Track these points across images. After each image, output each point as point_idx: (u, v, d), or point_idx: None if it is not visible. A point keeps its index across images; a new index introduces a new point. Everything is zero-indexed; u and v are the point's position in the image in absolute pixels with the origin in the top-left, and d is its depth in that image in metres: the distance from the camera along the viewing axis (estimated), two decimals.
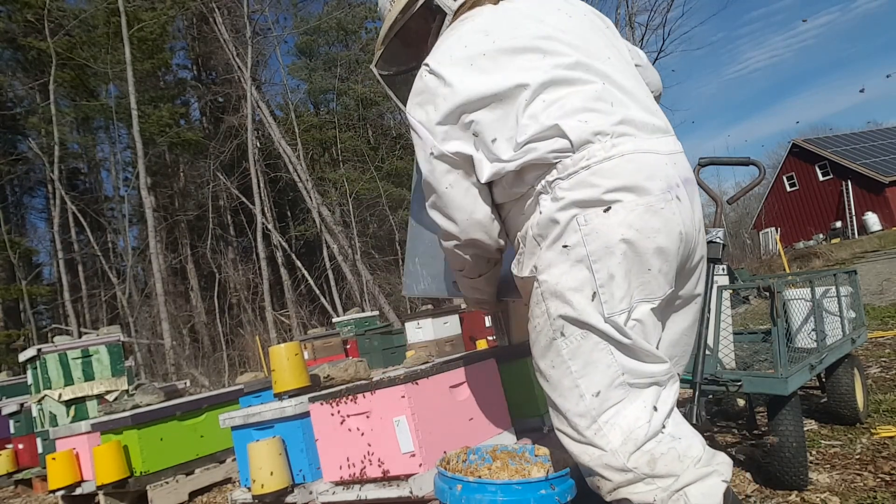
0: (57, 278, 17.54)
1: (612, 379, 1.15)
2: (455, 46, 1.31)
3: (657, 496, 1.12)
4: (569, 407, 1.19)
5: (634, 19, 11.59)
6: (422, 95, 1.32)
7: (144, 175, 14.84)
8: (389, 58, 1.60)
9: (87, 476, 3.57)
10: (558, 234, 1.18)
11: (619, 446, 1.13)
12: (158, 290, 14.20)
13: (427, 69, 1.32)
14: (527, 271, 1.26)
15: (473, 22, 1.35)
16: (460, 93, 1.25)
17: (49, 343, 4.78)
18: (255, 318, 18.64)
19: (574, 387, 1.18)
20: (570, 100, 1.20)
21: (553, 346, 1.20)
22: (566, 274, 1.17)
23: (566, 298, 1.17)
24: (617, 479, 1.14)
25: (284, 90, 21.07)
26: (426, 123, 1.30)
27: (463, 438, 1.90)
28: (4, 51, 19.20)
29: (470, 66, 1.27)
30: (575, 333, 1.17)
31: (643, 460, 1.13)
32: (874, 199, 22.87)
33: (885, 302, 6.07)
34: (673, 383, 1.23)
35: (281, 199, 22.09)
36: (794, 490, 1.91)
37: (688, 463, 1.14)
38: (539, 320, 1.23)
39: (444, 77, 1.27)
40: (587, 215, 1.15)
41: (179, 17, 19.95)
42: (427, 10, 1.45)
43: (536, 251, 1.23)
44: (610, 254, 1.14)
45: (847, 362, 2.43)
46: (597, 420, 1.16)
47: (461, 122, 1.27)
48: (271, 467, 2.12)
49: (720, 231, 2.12)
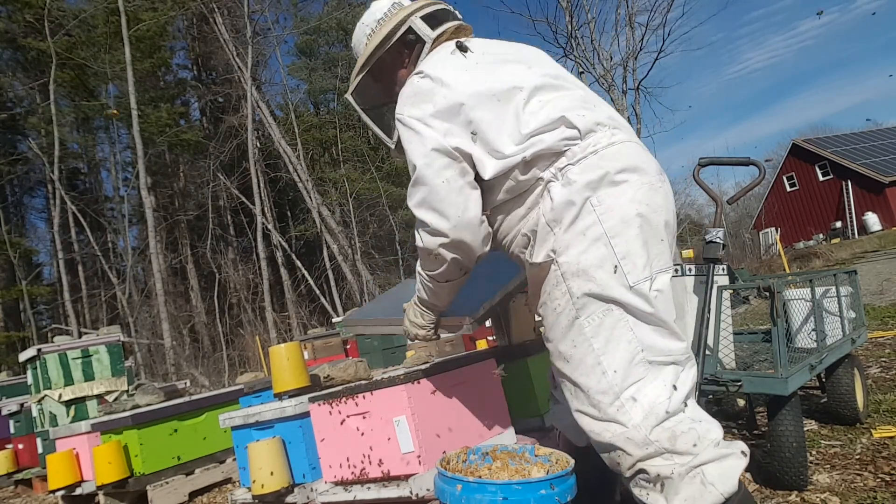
0: (57, 278, 17.55)
1: (632, 355, 1.19)
2: (445, 58, 1.40)
3: (675, 470, 1.15)
4: (591, 384, 1.22)
5: (634, 19, 11.58)
6: (416, 96, 1.36)
7: (144, 175, 14.84)
8: (361, 90, 1.63)
9: (87, 476, 3.57)
10: (574, 215, 1.23)
11: (641, 421, 1.17)
12: (158, 290, 14.21)
13: (421, 75, 1.38)
14: (542, 257, 1.28)
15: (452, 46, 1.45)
16: (459, 92, 1.32)
17: (49, 343, 4.78)
18: (255, 318, 18.65)
19: (596, 364, 1.21)
20: (561, 101, 1.32)
21: (575, 325, 1.24)
22: (585, 252, 1.22)
23: (589, 275, 1.21)
24: (638, 454, 1.18)
25: (284, 90, 21.11)
26: (424, 119, 1.33)
27: (463, 438, 1.90)
28: (4, 51, 19.20)
29: (464, 71, 1.36)
30: (597, 311, 1.21)
31: (664, 436, 1.17)
32: (874, 199, 22.87)
33: (885, 302, 6.07)
34: (691, 366, 1.27)
35: (281, 199, 22.10)
36: (794, 490, 1.91)
37: (707, 444, 1.17)
38: (559, 301, 1.26)
39: (441, 78, 1.34)
40: (599, 196, 1.23)
41: (179, 17, 19.94)
42: (402, 43, 1.53)
43: (550, 237, 1.27)
44: (627, 227, 1.21)
45: (847, 362, 2.43)
46: (619, 397, 1.19)
47: (459, 119, 1.32)
48: (271, 467, 2.12)
49: (720, 231, 2.12)
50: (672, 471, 1.16)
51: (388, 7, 1.56)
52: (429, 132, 1.32)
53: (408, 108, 1.37)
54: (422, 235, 1.39)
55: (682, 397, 1.21)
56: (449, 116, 1.32)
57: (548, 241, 1.28)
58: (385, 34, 1.51)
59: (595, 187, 1.23)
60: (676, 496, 1.16)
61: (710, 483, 1.15)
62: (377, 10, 1.58)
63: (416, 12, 1.51)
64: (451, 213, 1.32)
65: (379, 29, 1.54)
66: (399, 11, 1.52)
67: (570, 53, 12.01)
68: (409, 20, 1.50)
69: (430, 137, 1.32)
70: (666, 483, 1.17)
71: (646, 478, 1.20)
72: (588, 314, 1.22)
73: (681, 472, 1.15)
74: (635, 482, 1.23)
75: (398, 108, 1.40)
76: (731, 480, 1.16)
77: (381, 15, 1.56)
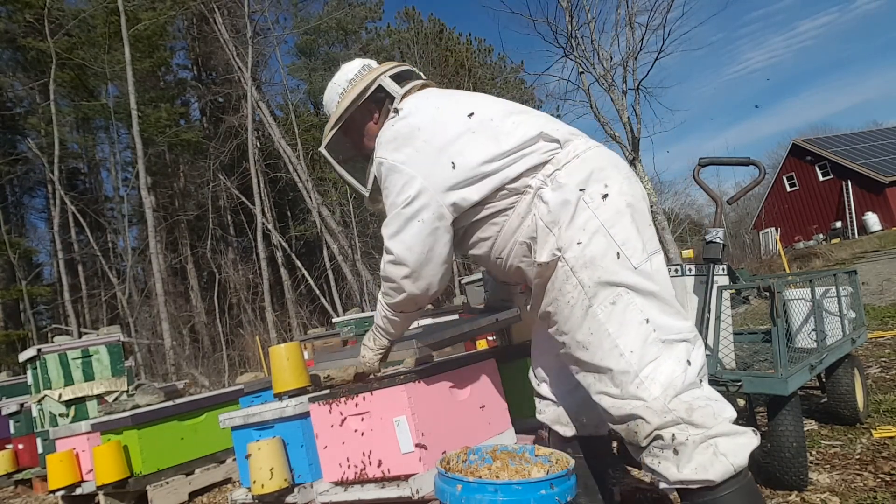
0: (57, 278, 17.54)
1: (645, 336, 1.28)
2: (417, 103, 1.55)
3: (690, 438, 1.22)
4: (612, 365, 1.29)
5: (634, 19, 11.55)
6: (397, 140, 1.49)
7: (144, 175, 14.84)
8: (334, 145, 1.74)
9: (87, 476, 3.57)
10: (571, 213, 1.34)
11: (661, 394, 1.24)
12: (158, 290, 14.21)
13: (398, 117, 1.52)
14: (547, 256, 1.36)
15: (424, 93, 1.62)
16: (436, 132, 1.45)
17: (49, 343, 4.78)
18: (255, 318, 18.64)
19: (614, 346, 1.28)
20: (533, 120, 1.47)
21: (589, 314, 1.32)
22: (588, 245, 1.32)
23: (596, 264, 1.31)
24: (656, 422, 1.24)
25: (284, 90, 21.05)
26: (408, 163, 1.45)
27: (463, 438, 1.90)
28: (4, 51, 19.19)
29: (436, 110, 1.51)
30: (608, 297, 1.30)
31: (682, 407, 1.23)
32: (874, 199, 22.86)
33: (885, 302, 6.07)
34: (700, 345, 1.34)
35: (281, 199, 22.08)
36: (794, 490, 1.91)
37: (722, 419, 1.24)
38: (572, 294, 1.34)
39: (418, 122, 1.48)
40: (590, 193, 1.35)
41: (179, 17, 19.93)
42: (371, 101, 1.66)
43: (551, 237, 1.36)
44: (621, 216, 1.33)
45: (847, 362, 2.43)
46: (638, 375, 1.26)
47: (439, 156, 1.44)
48: (271, 467, 2.12)
49: (720, 231, 2.12)
50: (687, 437, 1.22)
51: (358, 69, 1.72)
52: (410, 172, 1.44)
53: (390, 152, 1.49)
54: (387, 265, 1.52)
55: (696, 371, 1.28)
56: (429, 155, 1.44)
57: (550, 241, 1.36)
58: (357, 93, 1.64)
59: (584, 186, 1.35)
60: (689, 464, 1.22)
61: (721, 454, 1.21)
62: (349, 71, 1.73)
63: (385, 72, 1.65)
64: (419, 249, 1.45)
65: (351, 88, 1.67)
66: (369, 72, 1.67)
67: (570, 53, 11.96)
68: (378, 79, 1.64)
69: (413, 180, 1.43)
70: (679, 449, 1.23)
71: (660, 444, 1.25)
72: (600, 301, 1.30)
73: (695, 441, 1.21)
74: (649, 451, 1.28)
75: (378, 152, 1.52)
76: (742, 455, 1.22)
77: (353, 76, 1.70)
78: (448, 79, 23.41)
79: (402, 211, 1.45)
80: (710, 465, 1.20)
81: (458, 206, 1.44)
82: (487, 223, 1.47)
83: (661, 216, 11.94)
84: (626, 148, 11.71)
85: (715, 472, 1.20)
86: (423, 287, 1.51)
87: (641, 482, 2.17)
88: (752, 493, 1.25)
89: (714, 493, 1.21)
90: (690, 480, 1.22)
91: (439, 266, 1.49)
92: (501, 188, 1.41)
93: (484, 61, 26.72)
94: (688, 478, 1.22)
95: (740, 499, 1.22)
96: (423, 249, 1.45)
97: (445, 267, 1.51)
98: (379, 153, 1.52)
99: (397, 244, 1.48)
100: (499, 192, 1.42)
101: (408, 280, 1.50)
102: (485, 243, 1.51)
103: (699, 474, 1.21)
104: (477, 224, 1.49)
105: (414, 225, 1.44)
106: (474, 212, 1.46)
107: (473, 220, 1.48)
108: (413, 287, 1.51)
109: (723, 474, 1.20)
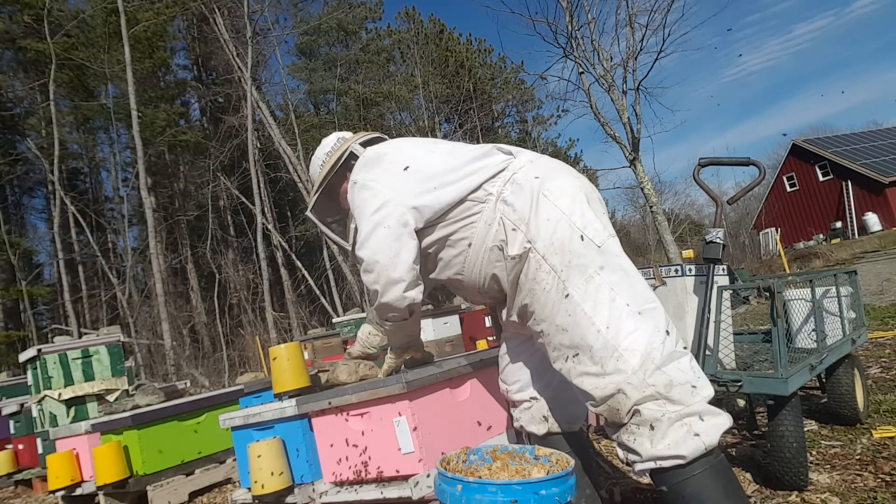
0: (57, 279, 17.54)
1: (620, 310, 1.33)
2: (382, 144, 1.78)
3: (666, 415, 1.26)
4: (591, 342, 1.33)
5: (635, 20, 11.55)
6: (367, 165, 1.68)
7: (144, 175, 14.84)
8: (318, 207, 1.97)
9: (87, 476, 3.57)
10: (534, 209, 1.45)
11: (640, 366, 1.28)
12: (158, 290, 14.20)
13: (365, 149, 1.77)
14: (518, 248, 1.45)
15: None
16: (398, 158, 1.64)
17: (49, 343, 4.78)
18: (255, 318, 18.63)
19: (591, 324, 1.33)
20: (486, 145, 1.65)
21: (565, 297, 1.38)
22: (554, 233, 1.41)
23: (565, 249, 1.39)
24: (635, 396, 1.27)
25: (284, 90, 21.02)
26: (377, 180, 1.61)
27: (463, 439, 1.90)
28: (4, 51, 19.17)
29: (399, 142, 1.74)
30: (580, 278, 1.37)
31: (662, 381, 1.27)
32: (874, 200, 22.86)
33: (885, 302, 6.07)
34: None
35: (281, 200, 22.08)
36: (794, 490, 1.91)
37: (699, 399, 1.28)
38: (546, 280, 1.41)
39: (385, 151, 1.69)
40: (547, 187, 1.47)
41: (179, 17, 19.93)
42: (345, 167, 1.86)
43: (519, 234, 1.46)
44: (578, 202, 1.45)
45: (847, 362, 2.43)
46: (617, 349, 1.30)
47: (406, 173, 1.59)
48: (271, 468, 2.12)
49: (720, 231, 2.12)
50: (663, 414, 1.26)
51: (334, 142, 1.97)
52: (378, 188, 1.59)
53: (361, 173, 1.66)
54: (362, 274, 1.61)
55: (675, 340, 1.33)
56: (394, 173, 1.60)
57: (519, 237, 1.46)
58: (332, 162, 1.87)
59: (542, 183, 1.48)
60: (663, 440, 1.26)
61: (695, 433, 1.25)
62: (326, 144, 1.99)
63: (356, 140, 1.89)
64: (386, 254, 1.53)
65: (328, 159, 1.91)
66: (343, 144, 1.90)
67: (570, 54, 11.97)
68: (350, 147, 1.86)
69: (380, 193, 1.57)
70: (655, 425, 1.27)
71: (637, 420, 1.29)
72: (574, 283, 1.37)
73: (671, 418, 1.26)
74: (626, 428, 1.32)
75: (351, 179, 1.69)
76: (715, 435, 1.26)
77: (329, 148, 1.96)
78: (448, 79, 23.42)
79: (370, 218, 1.56)
80: (682, 442, 1.24)
81: (421, 212, 1.54)
82: (457, 240, 1.56)
83: (661, 216, 11.94)
84: (626, 148, 11.72)
85: (687, 448, 1.24)
86: (394, 295, 1.57)
87: (641, 483, 2.17)
88: (723, 472, 1.28)
89: (686, 473, 1.25)
90: (663, 456, 1.26)
91: (407, 272, 1.54)
92: (464, 199, 1.52)
93: (484, 61, 26.74)
94: (660, 454, 1.26)
95: (712, 478, 1.25)
96: (390, 254, 1.53)
97: (413, 274, 1.56)
98: (352, 179, 1.70)
99: (365, 251, 1.56)
100: (462, 204, 1.52)
101: (377, 286, 1.57)
102: (458, 260, 1.59)
103: (671, 450, 1.25)
104: (447, 242, 1.58)
105: (380, 231, 1.54)
106: (443, 229, 1.56)
107: (443, 236, 1.57)
108: (385, 295, 1.58)
109: (694, 451, 1.24)
